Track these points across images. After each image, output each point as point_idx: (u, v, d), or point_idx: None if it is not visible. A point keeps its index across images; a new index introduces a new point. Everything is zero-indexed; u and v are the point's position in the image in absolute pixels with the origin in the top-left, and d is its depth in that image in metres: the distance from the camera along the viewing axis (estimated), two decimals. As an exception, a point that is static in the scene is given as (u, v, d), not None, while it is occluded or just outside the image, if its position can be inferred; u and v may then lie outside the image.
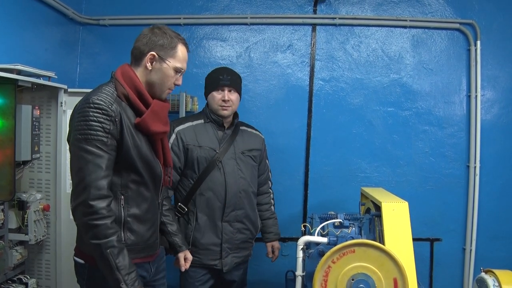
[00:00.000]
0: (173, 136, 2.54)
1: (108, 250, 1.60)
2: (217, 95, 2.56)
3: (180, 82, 1.91)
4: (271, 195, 2.91)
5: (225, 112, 2.57)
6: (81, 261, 1.79)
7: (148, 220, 1.86)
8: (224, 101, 2.54)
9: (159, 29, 1.84)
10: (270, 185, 2.91)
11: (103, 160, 1.64)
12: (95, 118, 1.64)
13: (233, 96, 2.58)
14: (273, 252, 2.88)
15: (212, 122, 2.61)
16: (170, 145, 2.48)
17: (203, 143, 2.54)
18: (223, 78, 2.56)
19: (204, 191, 2.53)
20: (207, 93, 2.64)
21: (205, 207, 2.52)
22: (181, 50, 1.86)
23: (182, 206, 2.56)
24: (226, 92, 2.55)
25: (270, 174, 2.91)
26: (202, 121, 2.62)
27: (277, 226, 2.89)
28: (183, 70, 1.89)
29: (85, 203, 1.60)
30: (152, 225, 1.89)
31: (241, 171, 2.60)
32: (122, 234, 1.74)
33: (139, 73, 1.82)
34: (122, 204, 1.75)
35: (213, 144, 2.56)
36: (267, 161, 2.87)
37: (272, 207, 2.91)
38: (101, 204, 1.61)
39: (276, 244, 2.88)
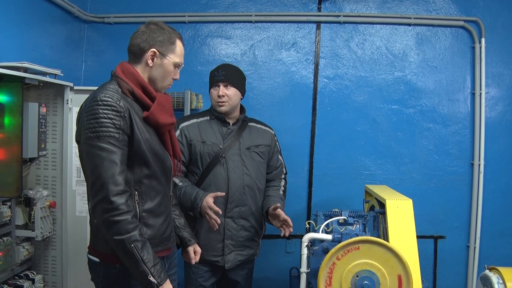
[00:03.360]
0: (178, 131, 2.56)
1: (132, 245, 1.61)
2: (213, 91, 2.59)
3: (178, 76, 1.93)
4: (282, 187, 2.77)
5: (222, 108, 2.57)
6: (96, 259, 1.80)
7: (162, 213, 1.87)
8: (219, 96, 2.55)
9: (155, 25, 1.85)
10: (284, 183, 2.80)
11: (117, 156, 1.65)
12: (105, 115, 1.65)
13: (229, 91, 2.57)
14: (285, 221, 2.49)
15: (217, 119, 2.62)
16: None
17: (206, 138, 2.56)
18: (217, 74, 2.58)
19: (207, 186, 2.53)
20: (208, 91, 2.67)
21: None
22: (179, 45, 1.89)
23: None
24: (221, 87, 2.55)
25: (284, 169, 2.83)
26: (207, 118, 2.64)
27: (283, 201, 2.68)
28: (182, 65, 1.92)
29: (106, 200, 1.60)
30: (166, 218, 1.91)
31: (245, 167, 2.60)
32: None
33: (139, 69, 1.83)
34: (137, 200, 1.77)
35: (216, 139, 2.57)
36: (280, 156, 2.82)
37: (281, 192, 2.74)
38: (120, 199, 1.62)
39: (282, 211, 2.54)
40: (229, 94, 2.56)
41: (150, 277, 1.63)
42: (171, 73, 1.88)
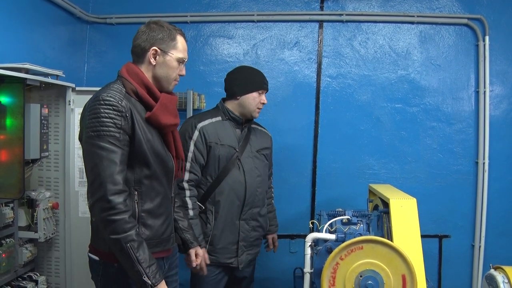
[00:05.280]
0: (196, 132, 2.48)
1: (128, 244, 1.62)
2: (257, 97, 2.57)
3: (184, 72, 1.94)
4: (272, 189, 2.94)
5: (257, 115, 2.63)
6: (96, 257, 1.81)
7: (161, 214, 1.87)
8: (262, 104, 2.61)
9: (155, 24, 1.86)
10: (272, 189, 2.95)
11: (116, 155, 1.65)
12: (106, 115, 1.66)
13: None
14: (274, 243, 2.93)
15: (231, 120, 2.58)
16: (193, 142, 2.47)
17: (224, 141, 2.52)
18: (265, 82, 2.62)
19: (224, 189, 2.50)
20: (243, 92, 2.56)
21: (224, 206, 2.49)
22: (180, 40, 1.90)
23: (200, 205, 2.52)
24: (264, 95, 2.61)
25: (272, 169, 2.91)
26: (220, 118, 2.57)
27: (276, 219, 2.95)
28: (185, 60, 1.92)
29: (104, 198, 1.61)
30: (166, 219, 1.90)
31: (257, 169, 2.60)
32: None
33: (143, 69, 1.85)
34: (136, 200, 1.77)
35: (232, 142, 2.54)
36: (271, 157, 2.87)
37: (273, 200, 2.94)
38: (118, 199, 1.63)
39: (276, 235, 2.95)
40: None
41: (144, 277, 1.64)
42: (175, 70, 1.89)
